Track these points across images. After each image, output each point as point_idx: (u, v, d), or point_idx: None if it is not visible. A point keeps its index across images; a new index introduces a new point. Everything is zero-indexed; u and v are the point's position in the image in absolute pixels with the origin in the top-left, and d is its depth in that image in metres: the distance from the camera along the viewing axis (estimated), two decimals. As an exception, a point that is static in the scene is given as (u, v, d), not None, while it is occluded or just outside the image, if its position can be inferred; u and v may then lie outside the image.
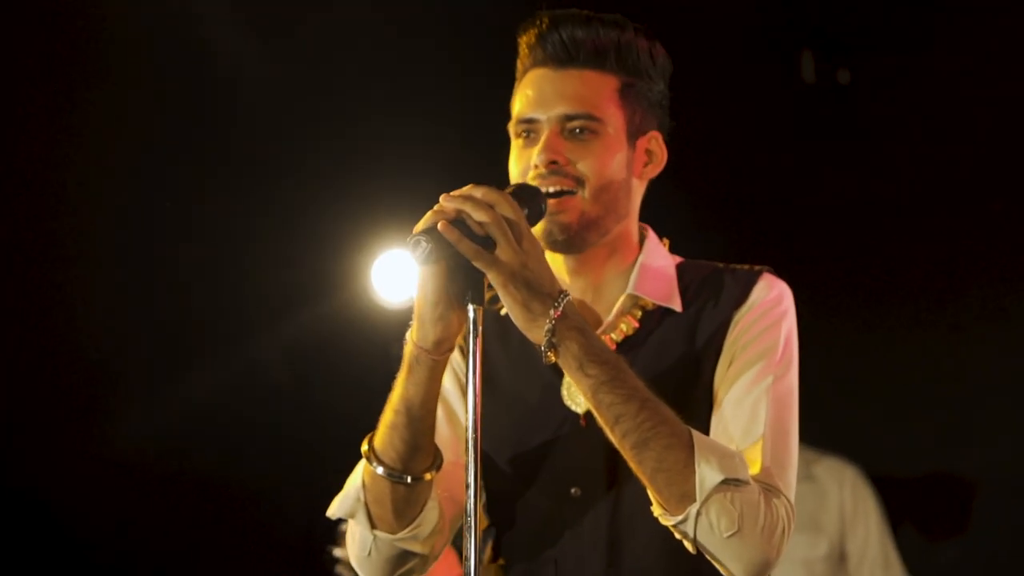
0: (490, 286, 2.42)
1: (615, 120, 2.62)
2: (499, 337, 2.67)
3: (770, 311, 2.60)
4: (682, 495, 2.38)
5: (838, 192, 6.04)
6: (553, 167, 2.57)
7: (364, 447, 2.57)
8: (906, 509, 5.63)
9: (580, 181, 2.58)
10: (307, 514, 5.71)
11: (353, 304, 5.90)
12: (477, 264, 2.37)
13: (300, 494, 5.79)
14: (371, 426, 2.51)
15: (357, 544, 2.61)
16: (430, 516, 2.58)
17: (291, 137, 5.93)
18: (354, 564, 2.65)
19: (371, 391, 5.75)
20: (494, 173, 6.01)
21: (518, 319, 2.41)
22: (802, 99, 6.02)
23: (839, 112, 5.96)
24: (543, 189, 2.55)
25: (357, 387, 6.20)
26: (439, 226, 2.34)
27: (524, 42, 2.67)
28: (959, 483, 6.06)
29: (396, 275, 5.87)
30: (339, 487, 2.63)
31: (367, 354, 6.03)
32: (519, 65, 2.69)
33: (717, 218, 5.77)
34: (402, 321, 6.13)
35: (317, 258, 5.97)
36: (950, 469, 6.05)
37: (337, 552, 4.74)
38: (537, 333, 2.40)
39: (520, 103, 2.65)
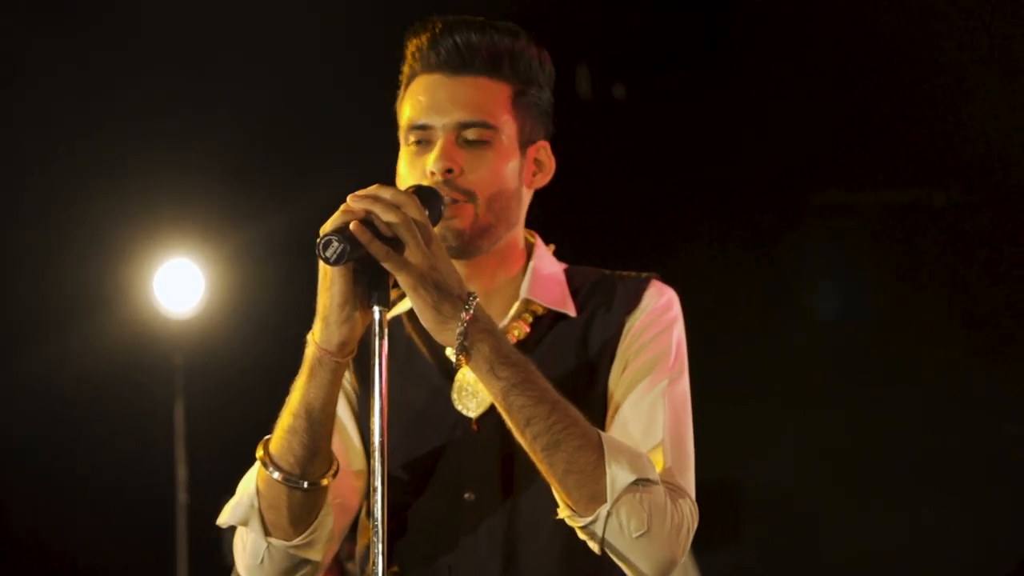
0: (395, 286, 2.41)
1: (508, 128, 2.62)
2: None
3: (661, 317, 2.65)
4: (592, 496, 2.40)
5: (612, 206, 6.16)
6: (449, 176, 2.56)
7: (259, 452, 2.51)
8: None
9: (474, 191, 2.58)
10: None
11: (135, 314, 5.77)
12: (387, 265, 2.33)
13: (68, 505, 5.66)
14: (154, 439, 2.46)
15: (248, 552, 2.55)
16: (325, 522, 2.55)
17: (62, 137, 5.78)
18: (243, 573, 2.58)
19: (154, 401, 5.68)
20: (282, 178, 5.93)
21: (428, 322, 2.40)
22: (577, 114, 6.12)
23: (615, 127, 6.09)
24: None
25: (138, 397, 6.10)
26: (351, 226, 2.29)
27: (414, 46, 2.64)
28: (724, 500, 6.27)
29: (179, 285, 5.78)
30: (116, 505, 2.56)
31: (150, 364, 5.93)
32: (406, 69, 2.67)
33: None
34: (184, 331, 6.06)
35: (95, 268, 5.82)
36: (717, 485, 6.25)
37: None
38: (448, 336, 2.39)
39: (412, 109, 2.62)
